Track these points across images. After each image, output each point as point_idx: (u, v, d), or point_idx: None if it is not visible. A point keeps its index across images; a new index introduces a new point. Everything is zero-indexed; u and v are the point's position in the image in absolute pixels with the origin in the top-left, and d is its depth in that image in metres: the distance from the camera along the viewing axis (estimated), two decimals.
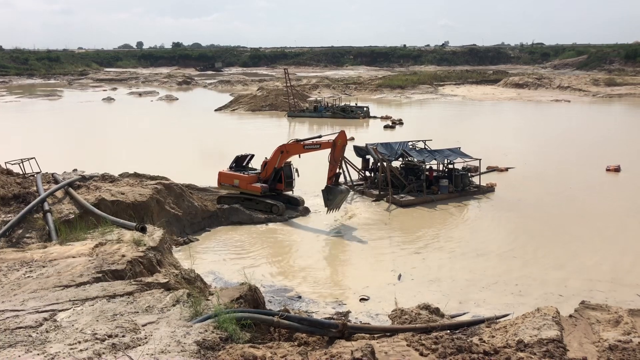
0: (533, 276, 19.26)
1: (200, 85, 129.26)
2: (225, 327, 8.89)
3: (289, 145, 26.42)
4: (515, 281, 18.79)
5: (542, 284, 18.62)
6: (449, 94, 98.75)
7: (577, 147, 45.22)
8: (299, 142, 26.20)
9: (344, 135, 25.55)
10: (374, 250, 22.35)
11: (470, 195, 30.58)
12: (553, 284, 18.56)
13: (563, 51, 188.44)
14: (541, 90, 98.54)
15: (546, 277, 19.22)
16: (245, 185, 27.37)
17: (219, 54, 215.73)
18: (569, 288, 18.13)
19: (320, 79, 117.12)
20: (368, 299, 17.47)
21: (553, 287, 18.27)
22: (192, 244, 23.04)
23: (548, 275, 19.33)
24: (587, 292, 17.44)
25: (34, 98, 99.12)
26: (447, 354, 8.33)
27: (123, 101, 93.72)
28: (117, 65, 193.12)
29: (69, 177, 22.90)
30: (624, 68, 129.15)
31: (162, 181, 25.35)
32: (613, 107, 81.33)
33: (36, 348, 7.92)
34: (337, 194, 25.86)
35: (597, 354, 9.15)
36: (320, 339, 10.03)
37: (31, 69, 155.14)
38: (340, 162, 32.23)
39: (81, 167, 26.65)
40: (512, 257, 21.33)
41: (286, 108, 72.68)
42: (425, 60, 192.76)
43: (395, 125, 60.52)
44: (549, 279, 19.04)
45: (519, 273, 19.57)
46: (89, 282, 10.96)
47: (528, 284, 18.55)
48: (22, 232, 16.53)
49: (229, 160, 29.33)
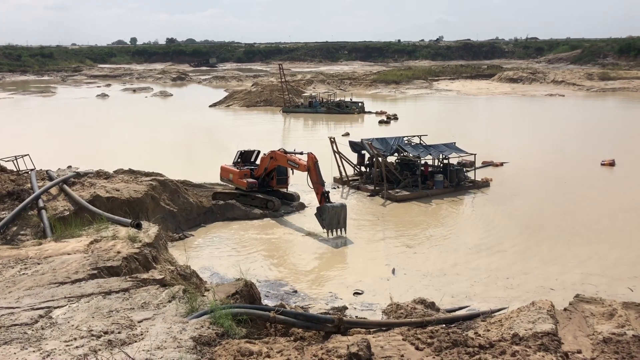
0: (525, 270, 19.35)
1: (195, 81, 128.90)
2: (221, 322, 8.90)
3: (277, 153, 26.31)
4: (507, 275, 18.88)
5: (533, 277, 18.70)
6: (443, 89, 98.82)
7: (572, 141, 45.37)
8: (286, 153, 26.10)
9: (312, 157, 24.78)
10: (368, 245, 22.40)
11: (466, 190, 30.65)
12: (545, 277, 18.65)
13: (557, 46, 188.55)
14: (535, 85, 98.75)
15: (538, 270, 19.31)
16: (236, 179, 27.65)
17: (214, 50, 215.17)
18: (560, 282, 18.22)
19: (315, 74, 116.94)
20: (362, 293, 17.53)
21: (544, 280, 18.36)
22: (188, 240, 23.03)
23: (540, 269, 19.42)
24: (579, 285, 17.55)
25: (27, 95, 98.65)
26: (443, 347, 8.36)
27: (117, 97, 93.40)
28: (111, 61, 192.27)
29: (64, 174, 22.82)
30: (618, 62, 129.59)
31: (157, 177, 25.30)
32: (607, 101, 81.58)
33: (32, 345, 7.91)
34: (329, 211, 23.20)
35: (591, 347, 9.21)
36: (317, 334, 10.05)
37: (24, 66, 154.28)
38: (336, 159, 32.34)
39: (76, 164, 26.53)
40: (504, 251, 21.42)
41: (281, 103, 72.62)
42: (419, 55, 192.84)
43: (390, 121, 60.54)
44: (540, 272, 19.13)
45: (511, 267, 19.66)
46: (84, 279, 10.94)
47: (520, 278, 18.64)
48: (17, 229, 16.46)
49: (224, 156, 29.33)
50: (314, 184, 24.22)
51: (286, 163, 26.11)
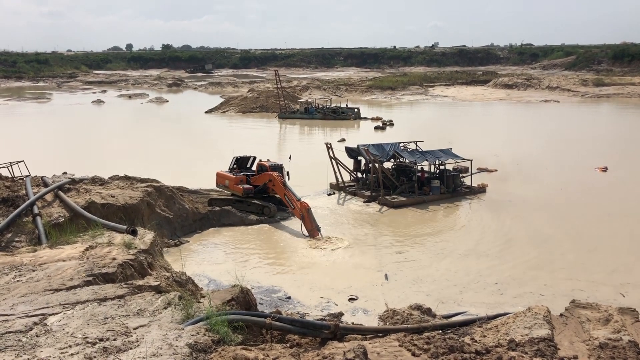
0: (514, 276, 19.45)
1: (191, 87, 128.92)
2: (217, 329, 8.87)
3: (277, 181, 25.99)
4: (495, 280, 18.96)
5: (522, 283, 18.79)
6: (439, 95, 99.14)
7: (567, 147, 45.53)
8: (284, 186, 25.85)
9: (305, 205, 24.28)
10: (362, 251, 22.37)
11: (462, 196, 30.69)
12: (534, 283, 18.75)
13: (552, 52, 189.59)
14: (530, 91, 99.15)
15: (527, 276, 19.42)
16: (232, 185, 27.64)
17: (209, 56, 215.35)
18: (549, 287, 18.33)
19: (310, 80, 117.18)
20: (357, 299, 17.53)
21: (533, 286, 18.44)
22: (183, 246, 22.97)
23: (528, 275, 19.52)
24: (569, 291, 17.62)
25: (22, 101, 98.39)
26: (439, 354, 8.35)
27: (113, 103, 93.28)
28: (106, 67, 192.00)
29: (59, 180, 22.74)
30: (612, 68, 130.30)
31: (152, 184, 25.24)
32: (602, 107, 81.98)
33: (26, 352, 7.86)
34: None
35: (587, 353, 9.21)
36: (313, 341, 10.02)
37: (19, 72, 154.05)
38: (333, 165, 32.27)
39: (71, 170, 26.43)
40: (495, 257, 21.47)
41: (277, 109, 72.68)
42: (415, 62, 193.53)
43: (386, 127, 60.70)
44: (529, 278, 19.23)
45: (502, 273, 19.74)
46: (79, 286, 10.89)
47: (508, 284, 18.73)
48: (12, 235, 16.38)
49: (219, 162, 29.31)
50: (309, 231, 24.00)
51: (282, 196, 25.89)
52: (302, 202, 24.49)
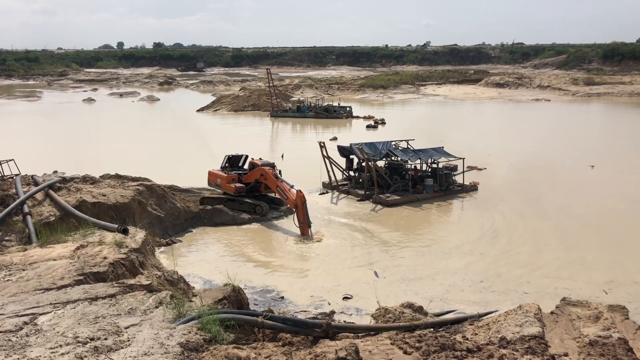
0: (499, 273, 19.58)
1: (182, 85, 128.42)
2: (208, 328, 8.85)
3: (268, 174, 26.04)
4: (481, 278, 19.06)
5: (506, 280, 18.91)
6: (430, 94, 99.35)
7: (558, 145, 45.78)
8: (277, 178, 25.85)
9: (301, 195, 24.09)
10: (355, 250, 22.39)
11: (455, 194, 30.81)
12: (518, 281, 18.88)
13: (543, 51, 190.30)
14: (522, 90, 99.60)
15: (512, 273, 19.55)
16: (224, 184, 27.58)
17: (201, 54, 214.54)
18: (534, 285, 18.46)
19: (302, 79, 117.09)
20: (351, 297, 17.56)
21: (518, 284, 18.57)
22: (175, 245, 22.90)
23: (513, 272, 19.65)
24: (552, 289, 17.82)
25: (12, 99, 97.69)
26: (431, 351, 8.38)
27: (104, 102, 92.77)
28: (97, 65, 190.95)
29: (49, 179, 22.63)
30: (602, 67, 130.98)
31: (143, 182, 25.14)
32: (592, 106, 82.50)
33: (16, 352, 7.81)
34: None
35: (577, 350, 9.27)
36: (305, 339, 10.02)
37: (9, 70, 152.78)
38: (326, 164, 32.27)
39: (62, 169, 26.34)
40: (485, 255, 21.57)
41: (269, 108, 72.57)
42: (407, 60, 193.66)
43: (378, 125, 60.77)
44: (514, 275, 19.38)
45: (486, 271, 19.83)
46: (70, 285, 10.84)
47: (492, 281, 18.87)
48: (1, 235, 16.29)
49: (211, 160, 29.22)
50: (300, 224, 23.96)
51: (275, 188, 25.86)
52: (298, 192, 24.26)
